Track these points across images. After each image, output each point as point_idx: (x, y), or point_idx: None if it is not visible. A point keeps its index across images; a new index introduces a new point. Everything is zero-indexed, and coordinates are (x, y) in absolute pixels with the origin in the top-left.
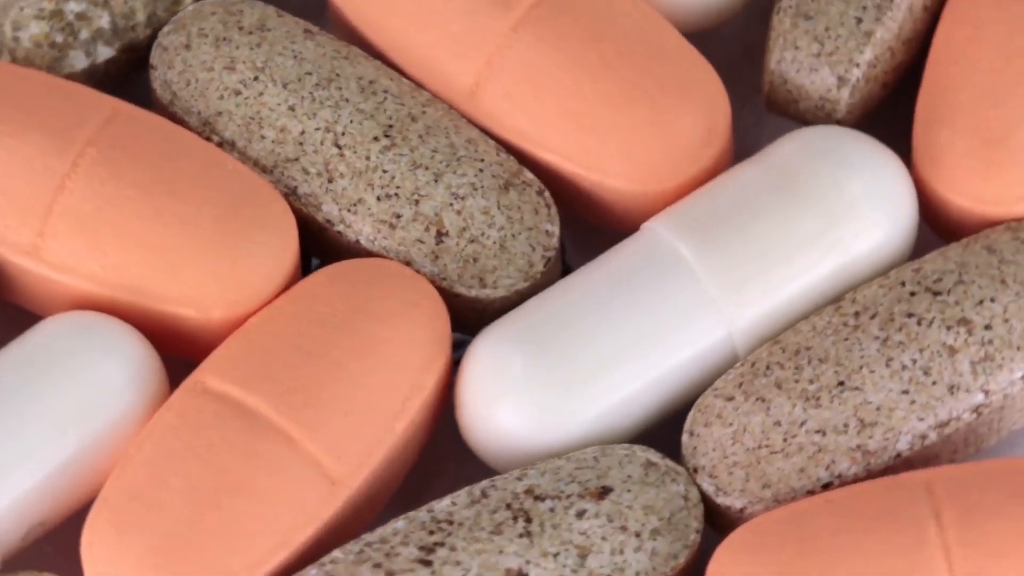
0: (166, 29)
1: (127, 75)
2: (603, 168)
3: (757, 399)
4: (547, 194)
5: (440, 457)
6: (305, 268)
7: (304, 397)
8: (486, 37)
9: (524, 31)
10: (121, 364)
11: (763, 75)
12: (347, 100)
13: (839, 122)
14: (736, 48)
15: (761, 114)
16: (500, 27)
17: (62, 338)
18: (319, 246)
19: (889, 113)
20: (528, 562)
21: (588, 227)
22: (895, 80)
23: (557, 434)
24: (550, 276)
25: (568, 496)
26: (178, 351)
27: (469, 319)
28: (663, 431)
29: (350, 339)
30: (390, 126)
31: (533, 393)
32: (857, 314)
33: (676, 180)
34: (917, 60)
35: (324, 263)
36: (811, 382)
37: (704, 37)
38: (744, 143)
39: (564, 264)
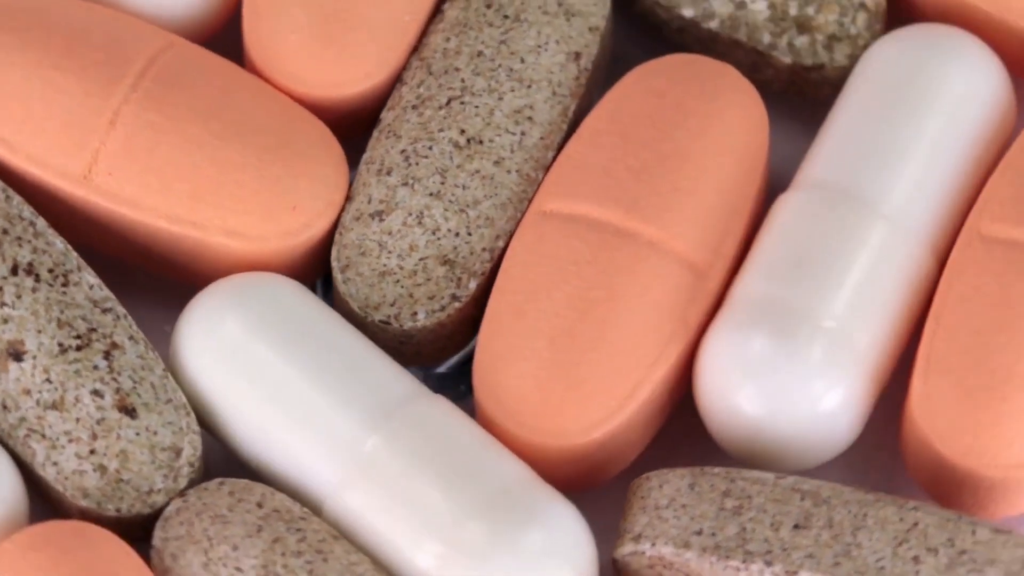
0: None
1: None
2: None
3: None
4: (458, 306)
5: None
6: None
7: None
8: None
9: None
10: None
11: None
12: (501, 99)
13: None
14: None
15: None
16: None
17: None
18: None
19: None
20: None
21: None
22: None
23: (236, 394)
24: (380, 339)
25: (129, 380)
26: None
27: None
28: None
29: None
30: (480, 142)
31: (235, 354)
32: None
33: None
34: None
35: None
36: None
37: None
38: None
39: None
